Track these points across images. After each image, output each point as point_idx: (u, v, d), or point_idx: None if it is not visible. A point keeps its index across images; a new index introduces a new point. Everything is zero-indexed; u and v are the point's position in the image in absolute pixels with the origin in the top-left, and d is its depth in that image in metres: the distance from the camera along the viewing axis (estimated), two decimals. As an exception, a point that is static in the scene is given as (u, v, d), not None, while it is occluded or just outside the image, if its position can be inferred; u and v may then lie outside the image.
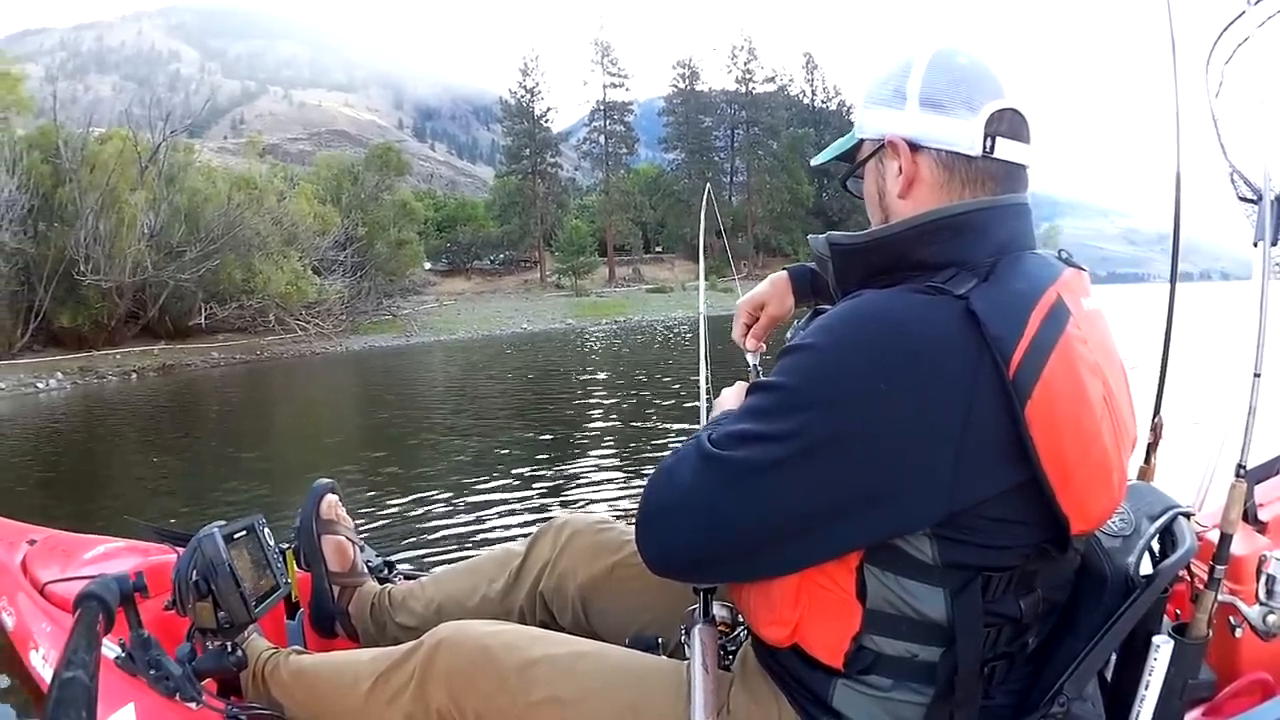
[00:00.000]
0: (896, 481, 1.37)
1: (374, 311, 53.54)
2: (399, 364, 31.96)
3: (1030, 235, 1.57)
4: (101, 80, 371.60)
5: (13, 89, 34.38)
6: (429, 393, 21.36)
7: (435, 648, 1.95)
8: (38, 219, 33.16)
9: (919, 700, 1.50)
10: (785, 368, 1.47)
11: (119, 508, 8.26)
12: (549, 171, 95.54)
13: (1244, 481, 1.76)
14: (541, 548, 2.49)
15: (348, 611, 2.72)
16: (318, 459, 11.67)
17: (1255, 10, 2.10)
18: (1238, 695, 1.91)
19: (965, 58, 1.57)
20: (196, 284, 37.02)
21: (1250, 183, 2.13)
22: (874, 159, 1.65)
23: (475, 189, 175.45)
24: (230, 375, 29.61)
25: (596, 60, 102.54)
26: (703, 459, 1.48)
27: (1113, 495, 1.48)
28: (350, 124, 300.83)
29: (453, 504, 7.77)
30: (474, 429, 13.56)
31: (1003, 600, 1.47)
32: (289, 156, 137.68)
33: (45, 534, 3.28)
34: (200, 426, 17.06)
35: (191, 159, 42.90)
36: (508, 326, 58.41)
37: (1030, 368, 1.35)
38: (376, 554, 2.96)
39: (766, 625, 1.61)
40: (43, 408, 21.30)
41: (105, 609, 1.84)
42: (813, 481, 1.40)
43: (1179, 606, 1.93)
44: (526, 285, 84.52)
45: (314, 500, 2.80)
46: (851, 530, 1.42)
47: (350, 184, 58.66)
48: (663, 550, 1.53)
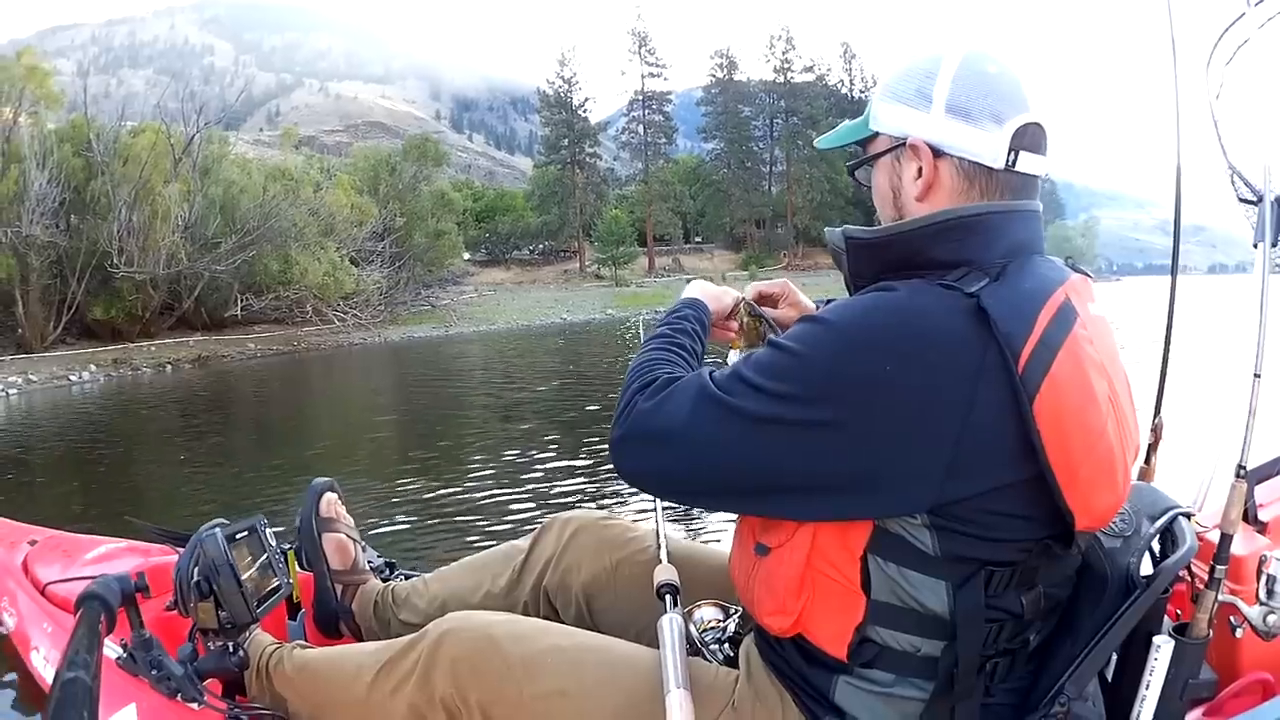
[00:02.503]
0: (885, 464, 1.40)
1: (413, 302, 54.11)
2: (438, 355, 32.14)
3: (1040, 240, 1.60)
4: (134, 74, 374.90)
5: (42, 83, 34.26)
6: (470, 385, 21.53)
7: (440, 638, 1.95)
8: (70, 212, 33.35)
9: (920, 696, 1.52)
10: (800, 334, 1.49)
11: (146, 505, 8.51)
12: (587, 161, 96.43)
13: (1244, 482, 1.76)
14: (545, 544, 2.50)
15: (351, 609, 2.73)
16: (354, 455, 11.44)
17: (1255, 11, 2.11)
18: (1238, 695, 1.92)
19: (995, 65, 1.58)
20: (232, 275, 37.26)
21: (1250, 184, 2.11)
22: (890, 155, 1.66)
23: (514, 179, 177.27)
24: (266, 367, 29.81)
25: (634, 50, 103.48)
26: (703, 393, 1.52)
27: (1117, 493, 1.50)
28: (387, 115, 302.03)
29: (496, 499, 7.90)
30: (513, 419, 13.98)
31: (1005, 595, 1.49)
32: (326, 148, 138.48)
33: (46, 534, 3.25)
34: (234, 420, 17.19)
35: (226, 151, 43.07)
36: (547, 317, 58.27)
37: (1038, 363, 1.38)
38: (378, 553, 2.99)
39: (770, 614, 1.62)
40: (75, 401, 21.32)
41: (107, 609, 1.85)
42: (805, 448, 1.43)
43: (1179, 607, 1.95)
44: (566, 275, 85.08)
45: (313, 499, 2.80)
46: (830, 502, 1.46)
47: (388, 175, 58.39)
48: (641, 469, 1.58)
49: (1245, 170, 2.11)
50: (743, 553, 1.71)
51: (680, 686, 1.68)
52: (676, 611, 1.94)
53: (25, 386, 24.13)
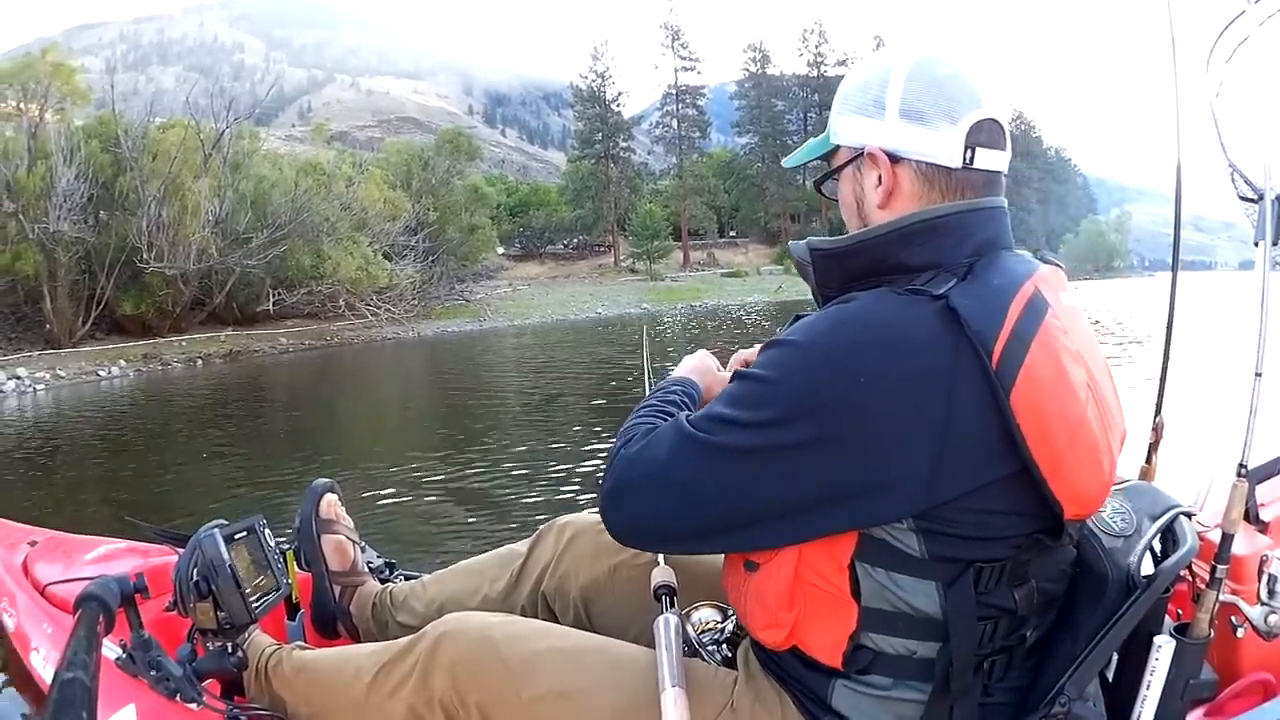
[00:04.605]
0: (870, 476, 1.40)
1: (446, 296, 54.51)
2: (472, 350, 32.66)
3: (1007, 236, 1.61)
4: (164, 71, 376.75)
5: (68, 80, 34.64)
6: (504, 380, 22.07)
7: (438, 639, 1.93)
8: (98, 207, 33.75)
9: (918, 698, 1.52)
10: (767, 361, 1.51)
11: (172, 504, 8.63)
12: (621, 156, 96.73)
13: (1245, 481, 1.73)
14: (543, 548, 2.48)
15: (349, 611, 2.70)
16: (385, 454, 11.30)
17: (1255, 9, 2.12)
18: (1239, 695, 1.87)
19: (946, 67, 1.58)
20: (264, 270, 37.65)
21: (1250, 182, 2.10)
22: (851, 166, 1.68)
23: (547, 174, 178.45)
24: (299, 361, 30.48)
25: (666, 44, 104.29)
26: (681, 438, 1.53)
27: (1103, 478, 1.50)
28: (419, 111, 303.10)
29: (525, 497, 8.00)
30: (547, 415, 14.16)
31: (996, 592, 1.49)
32: (358, 144, 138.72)
33: (46, 535, 3.13)
34: (265, 416, 17.59)
35: (257, 146, 43.75)
36: (582, 311, 58.45)
37: (1012, 357, 1.38)
38: (377, 554, 2.97)
39: (763, 629, 1.63)
40: (103, 396, 21.87)
41: (106, 610, 1.82)
42: (788, 472, 1.44)
43: (1180, 606, 1.94)
44: (600, 270, 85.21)
45: (313, 500, 2.78)
46: (820, 520, 1.46)
47: (420, 169, 58.51)
48: (631, 523, 1.59)
49: (1245, 168, 2.12)
50: (733, 569, 1.72)
51: (675, 685, 1.66)
52: (673, 612, 1.92)
53: (53, 382, 24.64)
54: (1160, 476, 2.36)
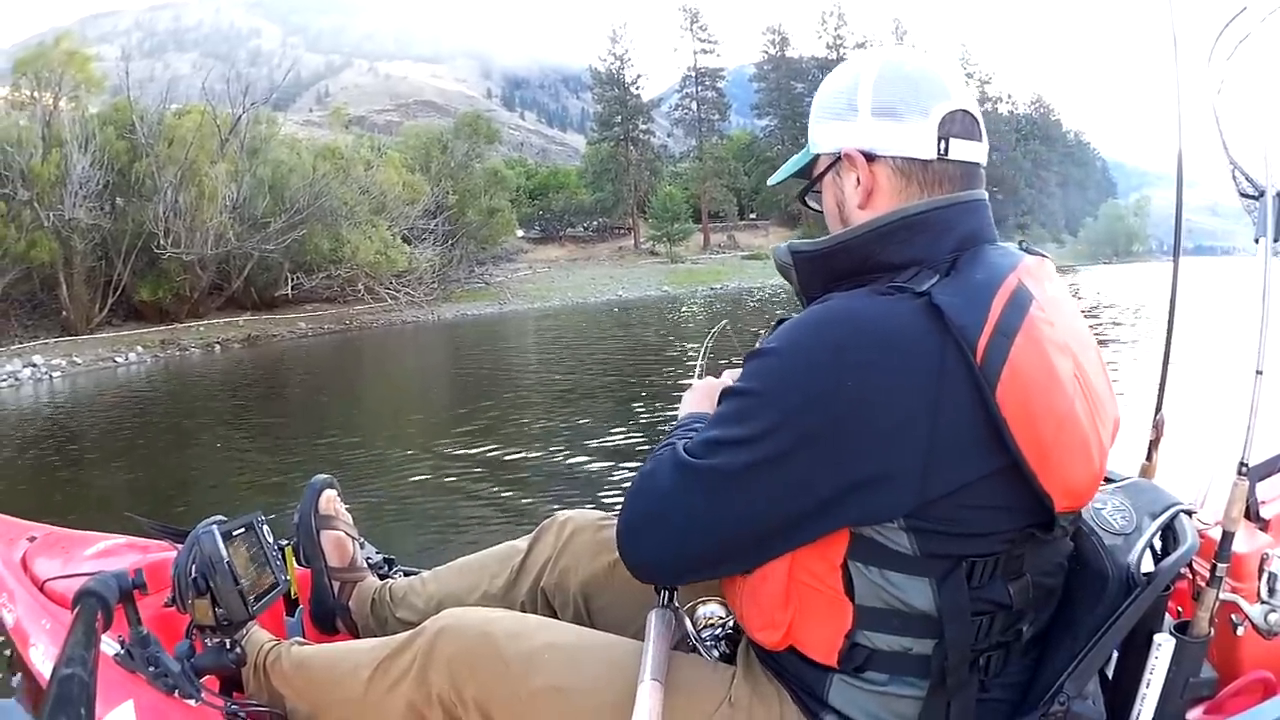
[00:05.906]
0: (864, 475, 1.41)
1: (466, 279, 54.92)
2: (492, 333, 32.82)
3: (990, 229, 1.63)
4: (180, 58, 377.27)
5: (82, 67, 34.79)
6: (524, 364, 22.04)
7: (437, 634, 1.94)
8: (114, 194, 33.89)
9: (915, 694, 1.53)
10: (751, 372, 1.53)
11: (188, 492, 8.87)
12: (641, 138, 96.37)
13: (1246, 479, 1.75)
14: (543, 545, 2.47)
15: (348, 607, 2.68)
16: (405, 441, 11.33)
17: (1257, 6, 2.13)
18: (1239, 694, 1.90)
19: (913, 64, 1.62)
20: (282, 254, 37.85)
21: (1252, 179, 2.09)
22: (831, 172, 1.70)
23: (567, 157, 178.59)
24: (318, 345, 30.73)
25: (685, 27, 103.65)
26: (678, 467, 1.54)
27: (1093, 469, 1.50)
28: (438, 94, 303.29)
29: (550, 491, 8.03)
30: (569, 401, 14.30)
31: (990, 586, 1.50)
32: (376, 128, 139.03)
33: (45, 530, 3.06)
34: (283, 401, 17.69)
35: (275, 131, 43.86)
36: (602, 294, 58.49)
37: (997, 351, 1.39)
38: (376, 550, 2.95)
39: (759, 630, 1.64)
40: (120, 382, 21.99)
41: (104, 606, 1.84)
42: (785, 482, 1.44)
43: (1180, 604, 1.96)
44: (620, 252, 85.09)
45: (312, 496, 2.76)
46: (822, 523, 1.46)
47: (439, 153, 58.58)
48: (643, 560, 1.60)
49: (1246, 165, 2.12)
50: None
51: (653, 678, 1.66)
52: (671, 607, 1.93)
53: (69, 369, 24.80)
54: (1160, 474, 2.39)
